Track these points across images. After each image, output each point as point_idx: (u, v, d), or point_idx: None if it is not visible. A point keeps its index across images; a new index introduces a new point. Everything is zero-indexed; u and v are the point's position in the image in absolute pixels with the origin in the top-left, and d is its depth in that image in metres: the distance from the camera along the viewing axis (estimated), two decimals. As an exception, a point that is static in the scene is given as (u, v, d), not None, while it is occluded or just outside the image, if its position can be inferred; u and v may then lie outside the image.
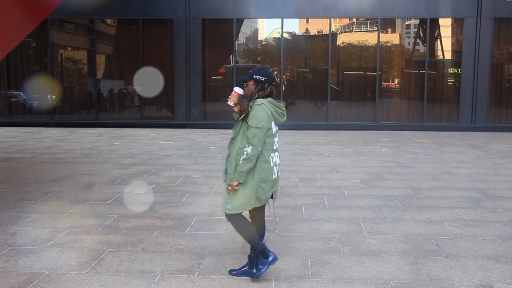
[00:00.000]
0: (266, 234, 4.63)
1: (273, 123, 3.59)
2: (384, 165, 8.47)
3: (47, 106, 15.00)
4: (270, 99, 3.59)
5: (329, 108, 14.60)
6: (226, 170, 3.60)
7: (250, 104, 3.53)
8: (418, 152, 10.05)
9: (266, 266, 3.64)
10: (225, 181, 3.59)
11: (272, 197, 3.70)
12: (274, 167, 3.60)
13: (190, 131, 13.64)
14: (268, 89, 3.57)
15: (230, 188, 3.50)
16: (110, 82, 15.69)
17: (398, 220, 5.23)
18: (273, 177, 3.60)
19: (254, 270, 3.67)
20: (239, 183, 3.47)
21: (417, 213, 5.49)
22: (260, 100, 3.53)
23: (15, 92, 15.48)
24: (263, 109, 3.48)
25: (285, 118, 3.69)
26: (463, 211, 5.57)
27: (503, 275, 3.79)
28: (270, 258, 3.63)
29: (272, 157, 3.57)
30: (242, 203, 3.52)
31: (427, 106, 14.43)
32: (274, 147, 3.62)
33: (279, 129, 3.78)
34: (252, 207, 3.58)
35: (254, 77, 3.57)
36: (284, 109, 3.66)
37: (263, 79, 3.55)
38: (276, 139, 3.66)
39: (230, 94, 3.63)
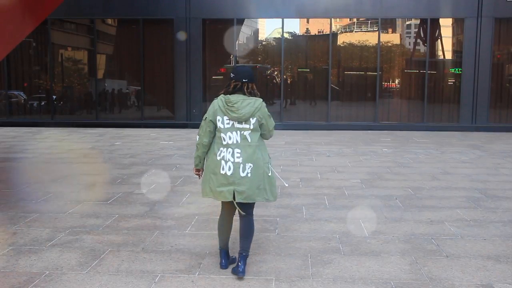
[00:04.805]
0: (266, 234, 4.65)
1: (222, 117, 3.64)
2: (384, 165, 8.47)
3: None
4: (230, 95, 3.67)
5: (330, 108, 14.60)
6: None
7: None
8: (418, 152, 10.05)
9: (223, 260, 3.88)
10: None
11: (234, 198, 3.61)
12: (223, 161, 3.62)
13: (191, 131, 13.62)
14: (232, 85, 3.71)
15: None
16: (111, 82, 15.70)
17: (399, 220, 5.23)
18: (222, 172, 3.61)
19: (240, 267, 3.69)
20: (197, 169, 3.90)
21: (417, 213, 5.49)
22: (220, 96, 3.74)
23: (16, 92, 15.50)
24: (212, 104, 3.74)
25: (238, 115, 3.58)
26: (464, 211, 5.57)
27: (503, 275, 3.79)
28: (221, 263, 3.88)
29: (221, 151, 3.64)
30: (203, 189, 3.80)
31: (427, 106, 14.43)
32: (224, 142, 3.63)
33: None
34: (209, 196, 3.75)
35: (231, 75, 3.80)
36: (232, 104, 3.60)
37: (232, 76, 3.77)
38: (226, 134, 3.62)
39: None
